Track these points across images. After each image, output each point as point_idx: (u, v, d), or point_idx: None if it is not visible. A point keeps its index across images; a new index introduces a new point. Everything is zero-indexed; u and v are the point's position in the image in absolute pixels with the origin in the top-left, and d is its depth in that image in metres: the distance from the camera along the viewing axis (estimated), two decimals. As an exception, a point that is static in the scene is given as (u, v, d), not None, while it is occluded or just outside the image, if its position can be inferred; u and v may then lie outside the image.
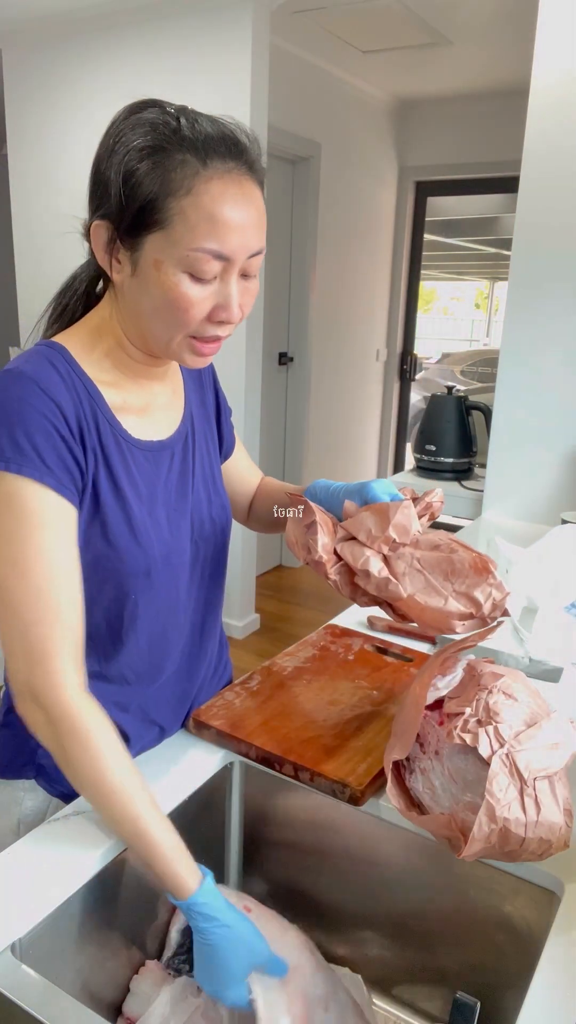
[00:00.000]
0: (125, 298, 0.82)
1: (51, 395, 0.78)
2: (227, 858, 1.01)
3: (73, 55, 3.21)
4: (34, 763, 0.92)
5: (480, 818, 0.72)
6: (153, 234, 0.75)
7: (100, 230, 0.79)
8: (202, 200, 0.74)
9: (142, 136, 0.75)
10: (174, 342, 0.81)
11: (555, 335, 2.01)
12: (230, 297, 0.78)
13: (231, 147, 0.76)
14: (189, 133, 0.75)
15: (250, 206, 0.77)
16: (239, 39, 2.79)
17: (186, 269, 0.75)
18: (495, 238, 8.28)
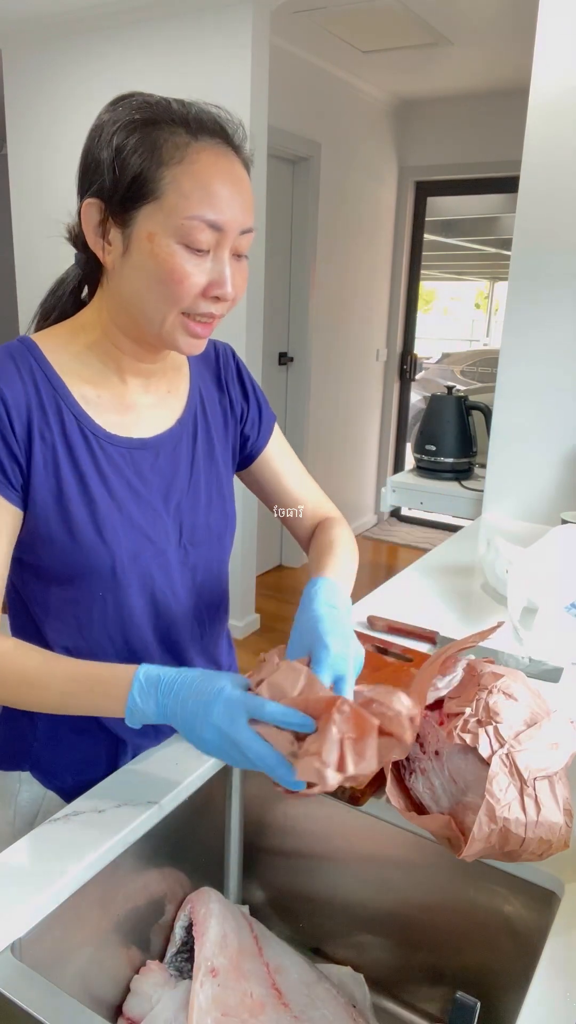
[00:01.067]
0: (117, 280, 0.81)
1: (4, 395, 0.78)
2: (227, 858, 1.01)
3: (73, 55, 3.21)
4: (30, 755, 0.93)
5: (480, 818, 0.72)
6: (146, 206, 0.75)
7: (91, 209, 0.78)
8: (195, 168, 0.74)
9: (131, 113, 0.76)
10: (167, 321, 0.79)
11: (555, 335, 2.01)
12: (224, 272, 0.78)
13: (218, 127, 0.77)
14: (177, 109, 0.76)
15: (240, 182, 0.77)
16: (239, 39, 2.79)
17: (180, 239, 0.75)
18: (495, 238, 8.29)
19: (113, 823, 0.83)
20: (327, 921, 0.98)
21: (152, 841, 0.86)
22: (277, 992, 0.85)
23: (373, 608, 1.40)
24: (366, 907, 0.95)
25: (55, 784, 0.94)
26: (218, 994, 0.80)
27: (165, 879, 0.90)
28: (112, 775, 0.92)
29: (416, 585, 1.56)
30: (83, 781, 0.93)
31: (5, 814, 0.95)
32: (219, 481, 0.97)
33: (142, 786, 0.90)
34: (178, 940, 0.89)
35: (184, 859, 0.93)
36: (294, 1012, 0.83)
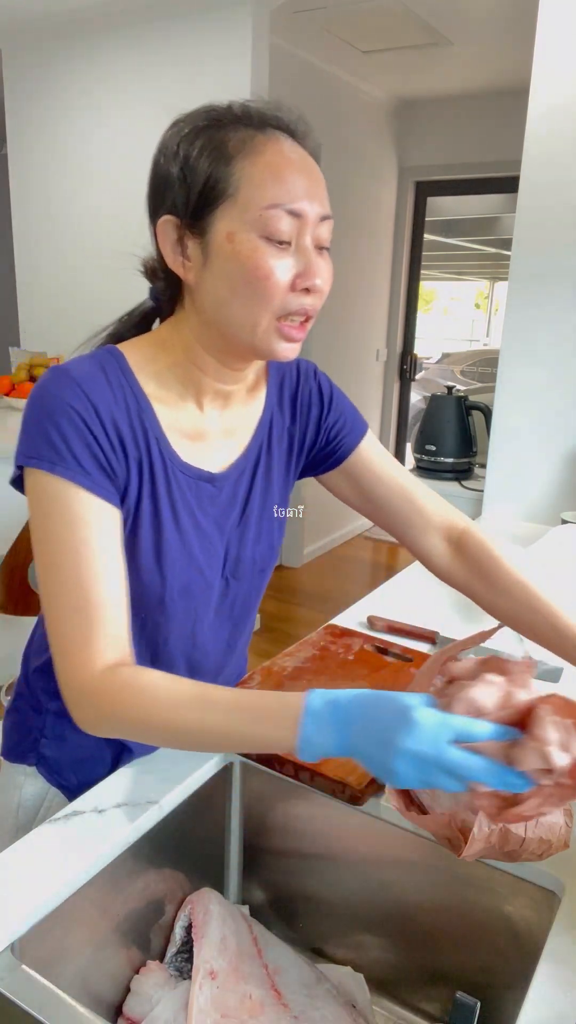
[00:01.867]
0: (201, 296, 0.78)
1: (92, 399, 0.75)
2: (227, 858, 1.01)
3: (73, 55, 3.21)
4: (36, 751, 0.93)
5: (480, 818, 0.71)
6: (221, 206, 0.73)
7: (166, 228, 0.76)
8: (264, 157, 0.72)
9: (192, 122, 0.75)
10: (260, 326, 0.76)
11: (555, 335, 2.01)
12: (309, 261, 0.74)
13: (282, 121, 0.76)
14: (239, 111, 0.75)
15: (311, 167, 0.75)
16: (239, 39, 2.80)
17: (261, 232, 0.72)
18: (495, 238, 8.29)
19: (113, 823, 0.83)
20: (327, 921, 0.98)
21: (152, 841, 0.86)
22: (276, 993, 0.85)
23: (373, 608, 1.40)
24: (366, 907, 0.94)
25: (59, 781, 0.94)
26: (217, 996, 0.80)
27: (165, 879, 0.90)
28: (112, 775, 0.92)
29: (416, 585, 1.56)
30: (87, 780, 0.93)
31: (9, 807, 0.95)
32: (271, 515, 0.95)
33: (142, 786, 0.90)
34: (178, 940, 0.89)
35: (184, 859, 0.93)
36: (294, 1012, 0.83)
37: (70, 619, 0.74)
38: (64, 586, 0.74)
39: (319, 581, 4.17)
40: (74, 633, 0.73)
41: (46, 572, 0.75)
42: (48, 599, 0.76)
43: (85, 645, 0.73)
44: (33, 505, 0.76)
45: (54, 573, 0.75)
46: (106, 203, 3.30)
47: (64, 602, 0.74)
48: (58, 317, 3.60)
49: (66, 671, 0.74)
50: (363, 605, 1.43)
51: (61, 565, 0.74)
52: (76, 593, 0.74)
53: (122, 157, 3.20)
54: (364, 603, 1.44)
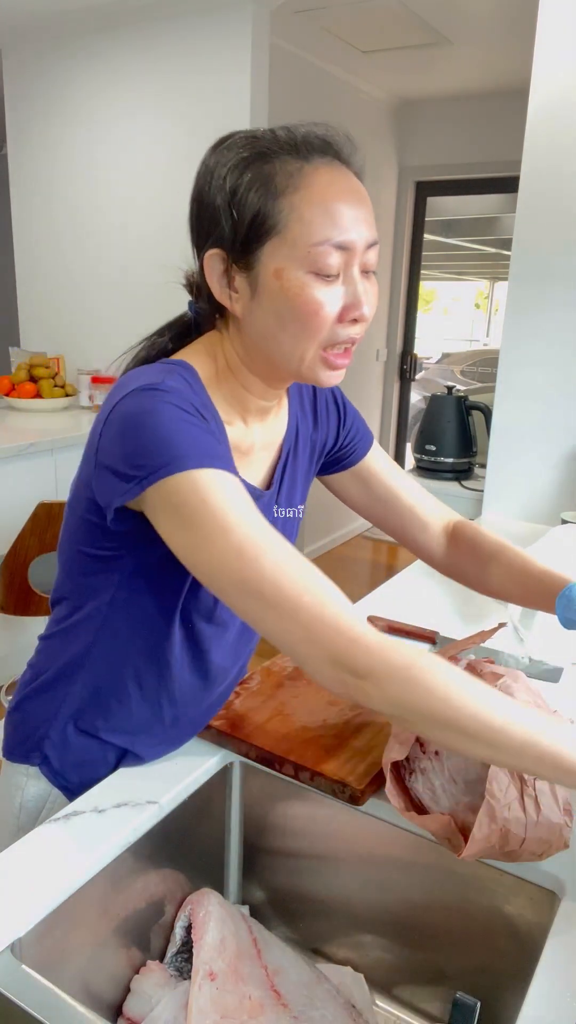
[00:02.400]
0: (248, 327, 0.79)
1: (196, 406, 0.75)
2: (227, 858, 1.01)
3: (73, 55, 3.21)
4: (40, 751, 0.93)
5: (480, 819, 0.72)
6: (269, 243, 0.73)
7: (213, 260, 0.76)
8: (312, 192, 0.71)
9: (237, 152, 0.74)
10: (307, 357, 0.77)
11: (555, 335, 2.01)
12: (358, 292, 0.75)
13: (328, 145, 0.75)
14: (284, 137, 0.74)
15: (359, 195, 0.74)
16: (239, 39, 2.80)
17: (310, 268, 0.72)
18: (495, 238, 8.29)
19: (113, 823, 0.84)
20: (327, 921, 0.98)
21: (152, 841, 0.86)
22: (276, 993, 0.85)
23: (373, 608, 1.40)
24: (366, 907, 0.95)
25: (62, 783, 0.94)
26: (216, 997, 0.80)
27: (165, 879, 0.90)
28: (112, 775, 0.92)
29: (416, 585, 1.56)
30: (89, 781, 0.93)
31: (10, 807, 0.95)
32: (292, 518, 0.97)
33: (142, 786, 0.90)
34: (178, 940, 0.89)
35: (184, 859, 0.93)
36: (293, 1012, 0.83)
37: (306, 594, 0.69)
38: (281, 567, 0.69)
39: (319, 581, 4.16)
40: (321, 606, 0.68)
41: (242, 565, 0.70)
42: (260, 589, 0.70)
43: (340, 612, 0.69)
44: (188, 510, 0.71)
45: (255, 560, 0.69)
46: (106, 203, 3.30)
47: (290, 583, 0.69)
48: (58, 317, 3.60)
49: (332, 645, 0.68)
50: (363, 605, 1.43)
51: (264, 550, 0.70)
52: (295, 568, 0.70)
53: (123, 157, 3.21)
54: (364, 603, 1.44)
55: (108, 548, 0.84)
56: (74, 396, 3.41)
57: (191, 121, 2.98)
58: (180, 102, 2.99)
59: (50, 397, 3.31)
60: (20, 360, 3.47)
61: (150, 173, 3.14)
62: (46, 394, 3.30)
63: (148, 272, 3.25)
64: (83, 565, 0.87)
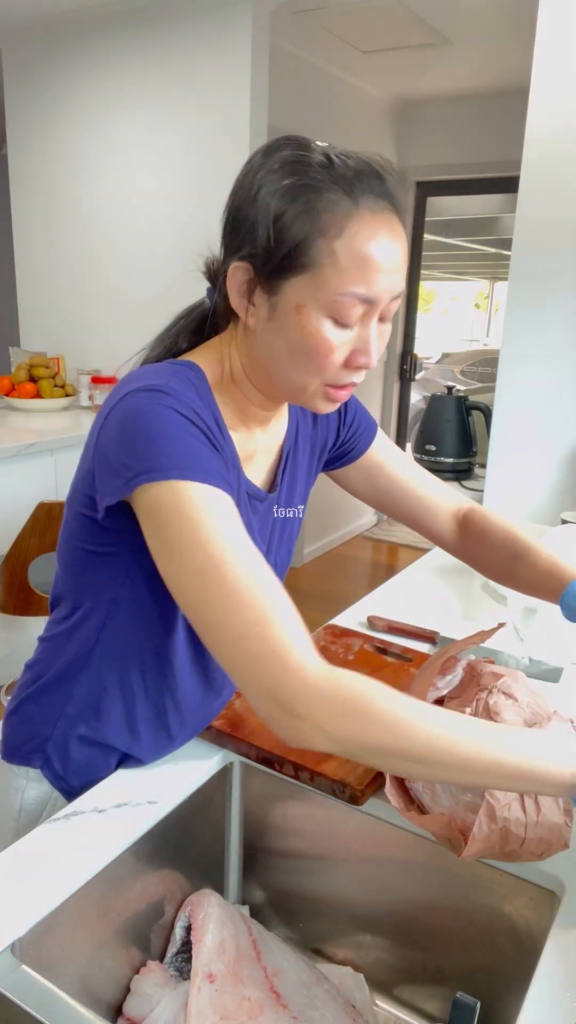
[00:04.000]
0: (256, 342, 0.79)
1: (197, 410, 0.75)
2: (227, 858, 1.01)
3: (73, 55, 3.21)
4: (43, 752, 0.92)
5: (480, 818, 0.72)
6: (298, 277, 0.72)
7: (239, 272, 0.76)
8: (354, 243, 0.71)
9: (290, 175, 0.72)
10: (308, 389, 0.79)
11: (555, 335, 2.01)
12: (370, 342, 0.76)
13: (380, 184, 0.74)
14: (339, 167, 0.72)
15: (398, 247, 0.74)
16: (239, 39, 2.80)
17: (330, 314, 0.73)
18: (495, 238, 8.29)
19: (113, 823, 0.84)
20: (327, 921, 0.98)
21: (152, 841, 0.86)
22: (275, 994, 0.85)
23: (373, 608, 1.40)
24: (366, 907, 0.95)
25: (63, 786, 0.93)
26: (216, 998, 0.80)
27: (165, 879, 0.90)
28: (112, 775, 0.92)
29: (416, 585, 1.56)
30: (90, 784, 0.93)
31: (10, 810, 0.94)
32: (292, 518, 0.97)
33: (142, 786, 0.90)
34: (178, 940, 0.89)
35: (184, 859, 0.93)
36: (293, 1013, 0.83)
37: (256, 626, 0.68)
38: (238, 595, 0.69)
39: (319, 581, 4.17)
40: (266, 640, 0.68)
41: (203, 585, 0.70)
42: (213, 613, 0.70)
43: (286, 649, 0.68)
44: (164, 519, 0.71)
45: (216, 584, 0.69)
46: (106, 203, 3.30)
47: (243, 612, 0.69)
48: (58, 317, 3.60)
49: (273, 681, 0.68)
50: (363, 605, 1.43)
51: (225, 574, 0.69)
52: (253, 598, 0.69)
53: (122, 156, 3.21)
54: (364, 603, 1.44)
55: (106, 544, 0.83)
56: (74, 396, 3.41)
57: (190, 120, 2.98)
58: (180, 102, 2.99)
59: (50, 397, 3.31)
60: (20, 360, 3.47)
61: (150, 173, 3.14)
62: (46, 394, 3.31)
63: (148, 272, 3.25)
64: (83, 562, 0.87)
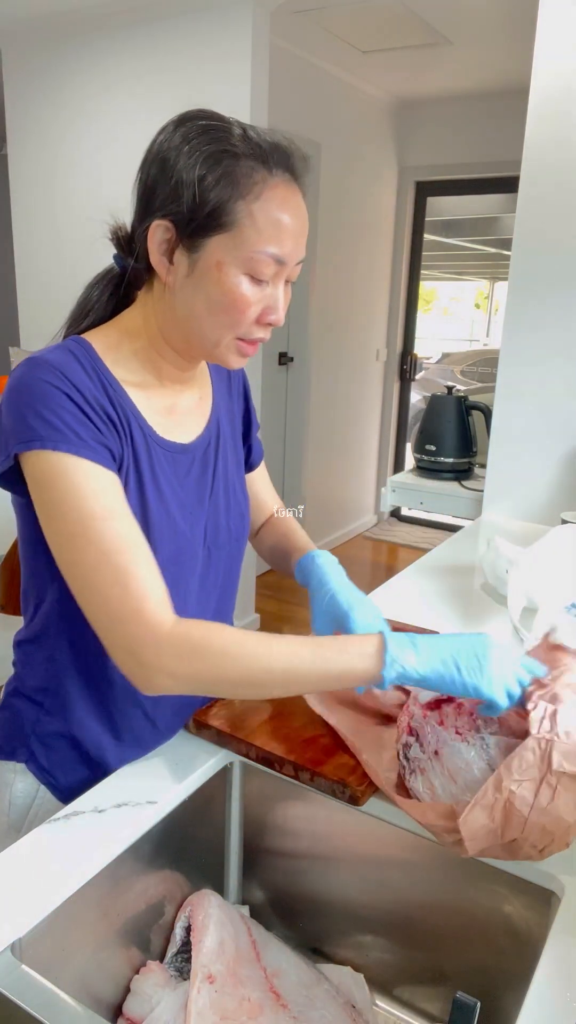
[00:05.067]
0: (175, 299, 0.83)
1: (73, 380, 0.79)
2: (227, 858, 1.01)
3: (73, 55, 3.21)
4: (27, 747, 0.94)
5: (486, 786, 0.71)
6: (218, 236, 0.78)
7: (159, 229, 0.80)
8: (270, 205, 0.78)
9: (213, 142, 0.78)
10: (222, 343, 0.84)
11: (555, 335, 2.01)
12: (278, 300, 0.83)
13: (288, 160, 0.81)
14: (255, 140, 0.79)
15: (303, 216, 0.82)
16: (239, 39, 2.79)
17: (247, 271, 0.79)
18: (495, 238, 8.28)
19: (113, 823, 0.84)
20: (327, 921, 0.98)
21: (152, 841, 0.86)
22: (275, 995, 0.85)
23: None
24: (366, 907, 0.95)
25: (48, 780, 0.94)
26: (215, 999, 0.80)
27: (165, 879, 0.90)
28: (112, 775, 0.92)
29: (416, 585, 1.56)
30: (74, 781, 0.94)
31: (1, 804, 0.95)
32: (234, 484, 1.01)
33: (142, 786, 0.90)
34: (178, 940, 0.89)
35: (184, 859, 0.93)
36: (293, 1013, 0.83)
37: (119, 584, 0.76)
38: (103, 555, 0.76)
39: (319, 581, 4.16)
40: (129, 598, 0.76)
41: (74, 547, 0.77)
42: (84, 574, 0.77)
43: (146, 605, 0.76)
44: (42, 486, 0.78)
45: (85, 546, 0.77)
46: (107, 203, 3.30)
47: (107, 571, 0.76)
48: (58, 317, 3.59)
49: (132, 635, 0.76)
50: (363, 605, 1.42)
51: (92, 537, 0.76)
52: (117, 558, 0.76)
53: (123, 156, 3.20)
54: (364, 603, 1.44)
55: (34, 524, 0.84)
56: (74, 396, 3.40)
57: (191, 121, 2.98)
58: (180, 102, 2.97)
59: (50, 397, 3.30)
60: (20, 360, 3.47)
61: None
62: (46, 394, 3.30)
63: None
64: (30, 549, 0.88)
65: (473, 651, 0.78)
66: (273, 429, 4.09)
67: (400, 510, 5.31)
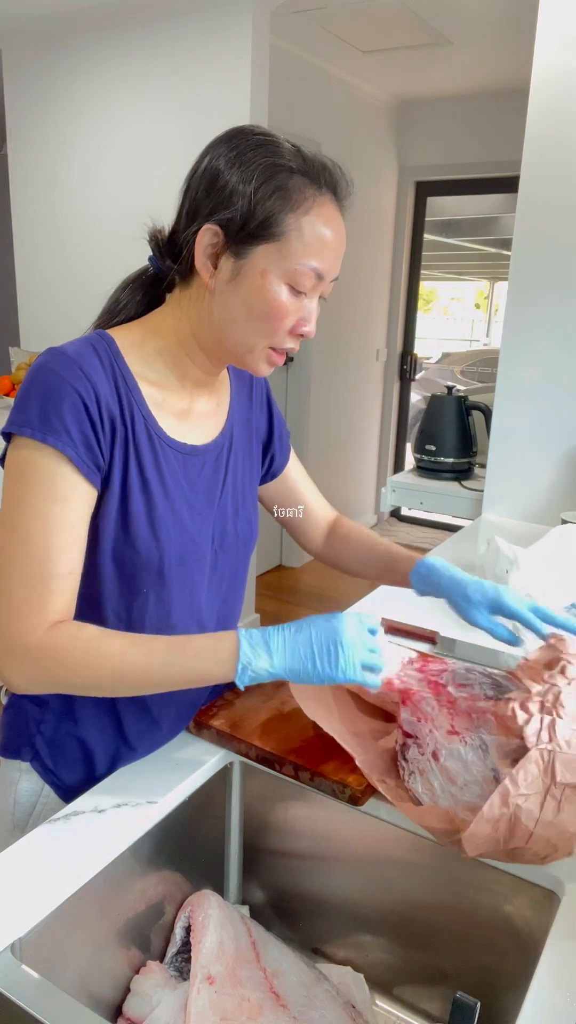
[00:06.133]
0: (214, 302, 0.85)
1: (88, 377, 0.80)
2: (227, 858, 1.01)
3: (73, 55, 3.21)
4: (31, 746, 0.94)
5: (492, 799, 0.71)
6: (265, 245, 0.81)
7: (208, 234, 0.82)
8: (317, 221, 0.81)
9: (269, 156, 0.81)
10: (256, 350, 0.86)
11: (555, 335, 2.01)
12: (312, 313, 0.86)
13: (336, 182, 0.85)
14: (308, 157, 0.83)
15: (344, 235, 0.86)
16: (239, 39, 2.79)
17: (289, 281, 0.82)
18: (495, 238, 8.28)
19: (113, 823, 0.84)
20: (327, 921, 0.98)
21: (152, 841, 0.86)
22: (275, 995, 0.85)
23: (373, 608, 1.40)
24: (366, 907, 0.95)
25: (52, 779, 0.94)
26: (215, 1000, 0.80)
27: (165, 879, 0.90)
28: (112, 775, 0.92)
29: (416, 585, 1.56)
30: (78, 781, 0.94)
31: (5, 803, 0.96)
32: (244, 491, 1.01)
33: (142, 786, 0.90)
34: (178, 940, 0.89)
35: (184, 859, 0.93)
36: (293, 1013, 0.83)
37: (29, 584, 0.79)
38: (30, 553, 0.79)
39: (319, 581, 4.17)
40: (29, 597, 0.79)
41: (11, 536, 0.79)
42: (7, 560, 0.80)
43: (39, 610, 0.79)
44: (15, 470, 0.80)
45: (21, 538, 0.79)
46: (107, 203, 3.30)
47: (26, 568, 0.79)
48: (58, 317, 3.60)
49: (11, 632, 0.79)
50: (363, 605, 1.43)
51: (30, 532, 0.79)
52: (40, 561, 0.79)
53: (123, 156, 3.20)
54: (364, 603, 1.44)
55: None
56: (74, 396, 3.40)
57: (191, 121, 2.98)
58: (180, 102, 2.99)
59: (50, 397, 3.30)
60: (20, 360, 3.47)
61: (151, 173, 3.14)
62: (46, 394, 3.30)
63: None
64: None
65: (328, 640, 0.79)
66: (273, 429, 4.09)
67: (400, 510, 5.31)
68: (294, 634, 0.80)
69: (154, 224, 0.90)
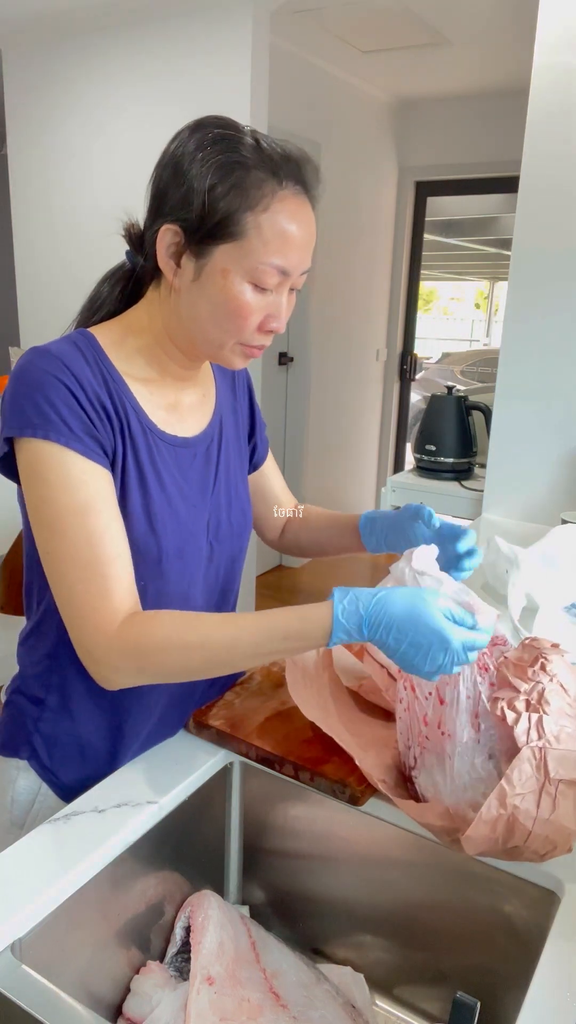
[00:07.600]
0: (180, 301, 0.85)
1: (73, 371, 0.81)
2: (227, 858, 1.01)
3: (73, 55, 3.21)
4: (29, 744, 0.94)
5: (490, 800, 0.71)
6: (225, 244, 0.79)
7: (168, 233, 0.82)
8: (277, 218, 0.79)
9: (224, 151, 0.79)
10: (225, 347, 0.86)
11: (555, 335, 2.01)
12: (281, 308, 0.84)
13: (300, 172, 0.82)
14: (266, 150, 0.80)
15: (311, 227, 0.84)
16: (239, 39, 2.79)
17: (251, 280, 0.81)
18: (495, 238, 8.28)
19: (113, 823, 0.84)
20: (327, 921, 0.98)
21: (152, 841, 0.86)
22: (275, 995, 0.85)
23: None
24: (366, 907, 0.95)
25: (50, 778, 0.94)
26: (215, 1000, 0.80)
27: (165, 879, 0.90)
28: (112, 775, 0.92)
29: (416, 585, 1.56)
30: (75, 779, 0.94)
31: (3, 801, 0.96)
32: (236, 481, 1.01)
33: (142, 786, 0.90)
34: (178, 940, 0.89)
35: (184, 859, 0.93)
36: (292, 1013, 0.83)
37: (84, 580, 0.79)
38: (73, 548, 0.79)
39: (319, 581, 4.17)
40: (90, 593, 0.78)
41: (51, 537, 0.80)
42: (55, 564, 0.80)
43: (104, 603, 0.79)
44: (29, 474, 0.80)
45: (59, 537, 0.79)
46: (107, 203, 3.30)
47: (75, 565, 0.79)
48: (58, 317, 3.59)
49: (87, 631, 0.79)
50: (363, 605, 1.42)
51: (67, 529, 0.79)
52: (86, 553, 0.79)
53: (123, 156, 3.20)
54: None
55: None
56: (74, 396, 3.40)
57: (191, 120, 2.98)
58: (180, 102, 2.99)
59: (50, 397, 3.30)
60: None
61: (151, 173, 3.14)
62: (46, 394, 3.30)
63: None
64: (32, 542, 0.89)
65: (436, 648, 0.73)
66: (273, 429, 4.08)
67: (400, 510, 5.30)
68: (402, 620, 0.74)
69: (128, 218, 0.90)
